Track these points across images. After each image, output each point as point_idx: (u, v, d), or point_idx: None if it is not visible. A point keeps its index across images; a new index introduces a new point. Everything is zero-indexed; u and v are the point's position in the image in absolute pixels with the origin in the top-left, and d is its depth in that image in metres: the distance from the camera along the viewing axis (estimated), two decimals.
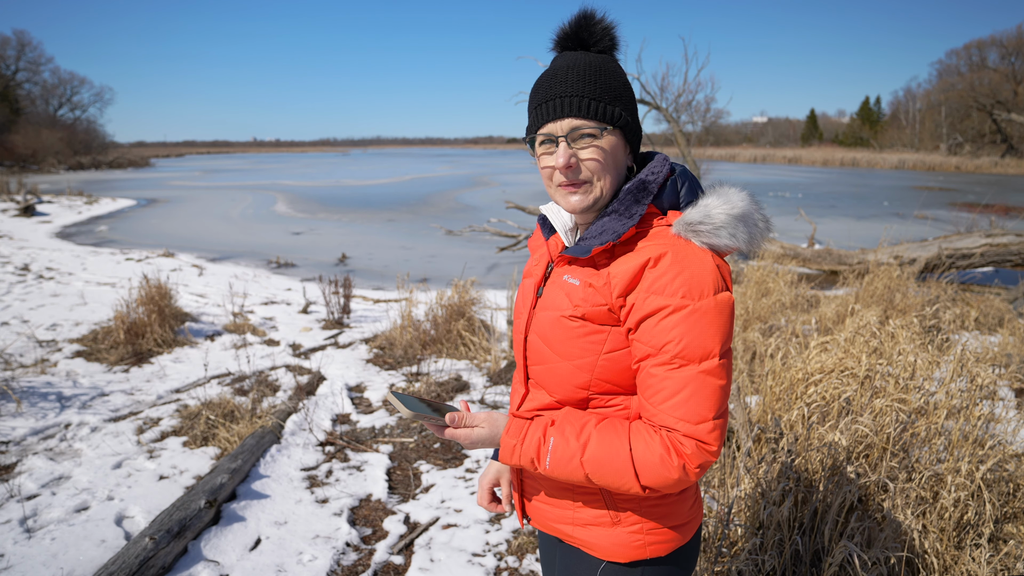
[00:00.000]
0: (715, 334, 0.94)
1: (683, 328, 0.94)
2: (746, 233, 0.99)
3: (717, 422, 0.94)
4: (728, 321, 0.96)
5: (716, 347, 0.94)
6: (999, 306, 6.09)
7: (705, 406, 0.93)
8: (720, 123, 77.63)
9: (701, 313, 0.94)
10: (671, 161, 1.10)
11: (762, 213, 1.03)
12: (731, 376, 0.98)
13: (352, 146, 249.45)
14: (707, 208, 0.99)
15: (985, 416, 2.52)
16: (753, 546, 2.11)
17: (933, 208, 18.02)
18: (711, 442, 0.93)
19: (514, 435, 1.03)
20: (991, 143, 51.17)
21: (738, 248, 1.00)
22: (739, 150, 68.94)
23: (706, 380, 0.94)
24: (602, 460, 0.97)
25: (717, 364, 0.94)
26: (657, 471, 0.94)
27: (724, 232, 0.97)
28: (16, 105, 49.96)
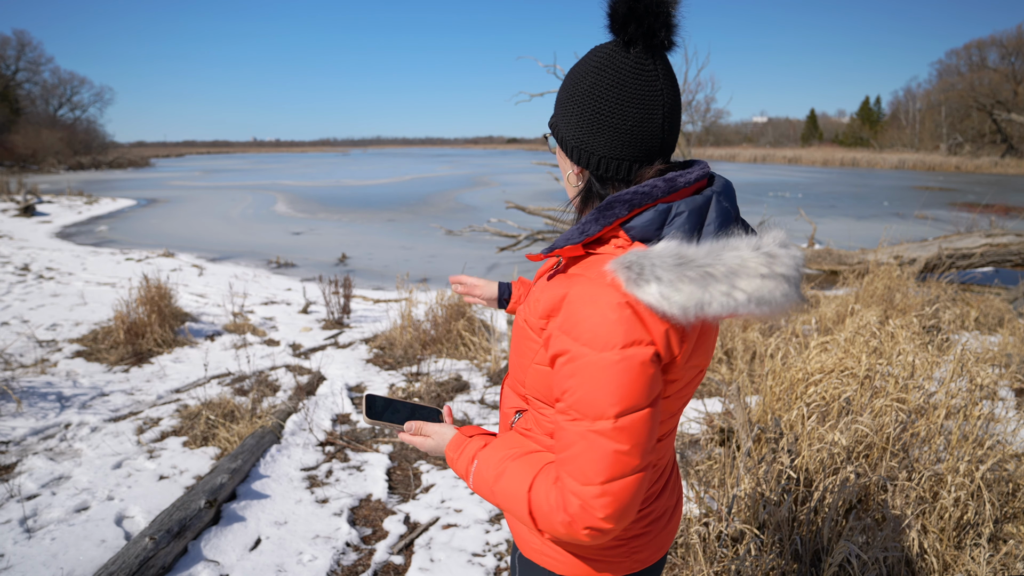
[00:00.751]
0: (612, 392, 0.82)
1: (578, 379, 0.84)
2: (692, 299, 0.80)
3: (608, 488, 0.83)
4: (636, 380, 0.82)
5: (611, 408, 0.82)
6: (999, 306, 6.09)
7: (592, 469, 0.83)
8: (720, 123, 77.86)
9: (600, 367, 0.82)
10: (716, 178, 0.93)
11: (759, 284, 0.82)
12: (643, 439, 0.84)
13: (352, 146, 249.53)
14: (651, 253, 0.83)
15: (985, 416, 2.52)
16: (753, 546, 2.11)
17: (933, 208, 18.02)
18: (597, 508, 0.83)
19: (453, 449, 1.05)
20: (991, 143, 51.18)
21: (667, 313, 0.81)
22: (739, 150, 68.96)
23: (596, 441, 0.83)
24: (507, 494, 0.94)
25: (611, 427, 0.82)
26: (548, 519, 0.88)
27: (653, 289, 0.81)
28: (16, 105, 49.97)
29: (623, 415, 0.82)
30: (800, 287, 0.87)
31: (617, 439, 0.83)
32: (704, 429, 3.39)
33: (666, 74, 0.89)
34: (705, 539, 2.19)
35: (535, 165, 21.91)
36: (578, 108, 0.91)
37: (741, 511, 2.29)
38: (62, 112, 57.53)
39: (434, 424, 1.10)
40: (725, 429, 3.19)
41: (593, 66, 0.90)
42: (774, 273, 0.83)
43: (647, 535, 1.05)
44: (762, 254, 0.84)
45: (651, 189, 0.87)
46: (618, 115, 0.88)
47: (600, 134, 0.90)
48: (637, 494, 0.85)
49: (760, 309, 0.82)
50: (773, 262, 0.83)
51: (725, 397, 3.61)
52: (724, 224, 0.89)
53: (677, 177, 0.89)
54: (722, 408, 3.58)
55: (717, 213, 0.89)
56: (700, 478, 2.87)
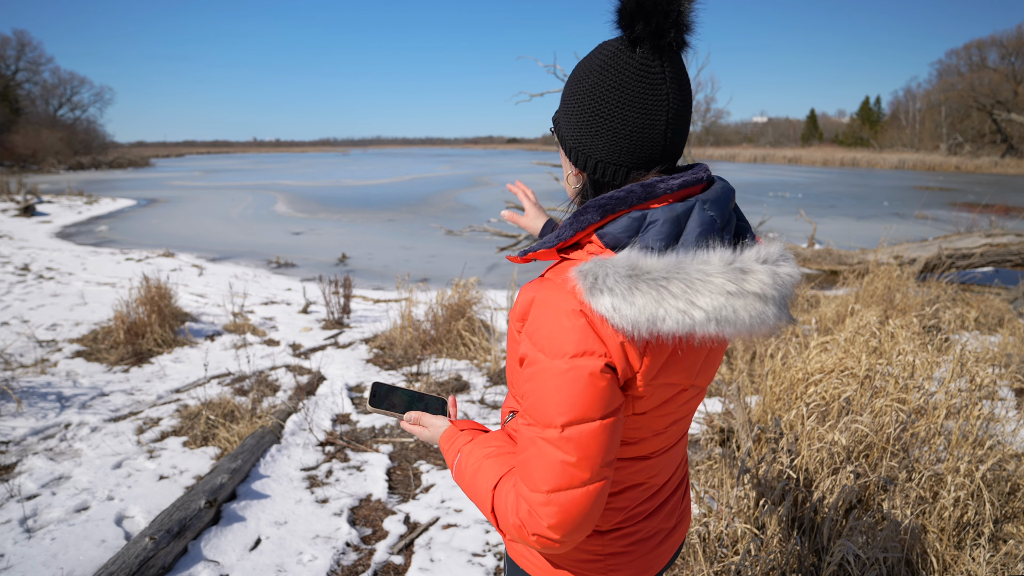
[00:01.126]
0: (560, 402, 0.79)
1: (532, 385, 0.82)
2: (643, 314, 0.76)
3: (553, 498, 0.81)
4: (584, 391, 0.78)
5: (559, 417, 0.79)
6: (999, 306, 6.09)
7: (539, 476, 0.82)
8: (720, 123, 77.81)
9: (549, 375, 0.80)
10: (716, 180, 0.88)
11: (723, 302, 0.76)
12: (592, 452, 0.80)
13: (352, 146, 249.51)
14: (611, 261, 0.79)
15: (985, 416, 2.52)
16: (753, 546, 2.11)
17: (933, 208, 18.03)
18: (542, 516, 0.82)
19: (445, 441, 1.07)
20: (991, 143, 51.18)
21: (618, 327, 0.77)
22: (739, 150, 68.96)
23: (543, 448, 0.81)
24: (478, 491, 0.94)
25: (557, 436, 0.80)
26: (505, 521, 0.87)
27: (606, 300, 0.77)
28: (16, 105, 49.97)
29: (570, 425, 0.80)
30: (785, 305, 0.82)
31: (564, 449, 0.80)
32: (704, 429, 3.39)
33: (674, 76, 0.84)
34: (705, 539, 2.20)
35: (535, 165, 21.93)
36: (578, 107, 0.87)
37: (741, 511, 2.29)
38: (62, 112, 57.55)
39: (431, 415, 1.11)
40: (725, 429, 3.19)
41: (597, 64, 0.85)
42: (743, 291, 0.77)
43: (628, 555, 1.02)
44: (733, 269, 0.78)
45: (627, 195, 0.83)
46: (618, 119, 0.83)
47: (598, 137, 0.85)
48: (589, 509, 0.82)
49: (722, 329, 0.77)
50: (744, 279, 0.78)
51: (725, 397, 3.61)
52: (705, 234, 0.82)
53: (657, 183, 0.83)
54: (722, 408, 3.58)
55: (698, 223, 0.82)
56: (700, 478, 2.87)
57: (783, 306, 0.81)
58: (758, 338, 0.80)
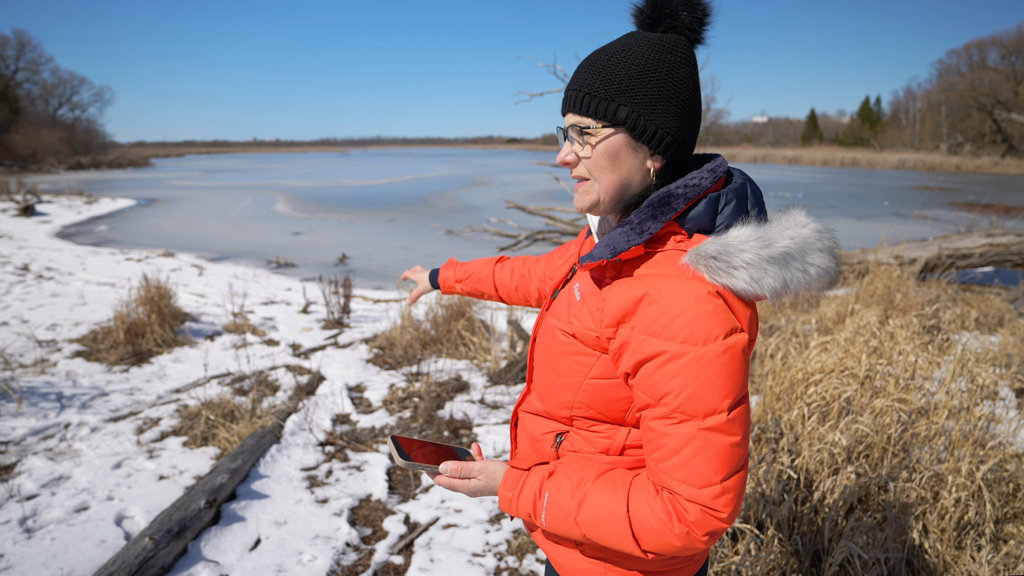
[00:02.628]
0: (722, 385, 0.81)
1: (683, 379, 0.81)
2: (778, 279, 0.82)
3: (727, 484, 0.81)
4: (740, 369, 0.82)
5: (724, 401, 0.81)
6: (999, 306, 6.09)
7: (710, 468, 0.81)
8: (720, 123, 77.86)
9: (705, 362, 0.80)
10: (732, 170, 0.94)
11: (823, 257, 0.85)
12: (747, 427, 0.84)
13: (352, 146, 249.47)
14: (732, 240, 0.83)
15: (986, 416, 2.52)
16: (753, 545, 2.11)
17: (933, 208, 18.02)
18: (719, 508, 0.81)
19: (510, 487, 0.96)
20: (991, 143, 51.18)
21: (760, 296, 0.83)
22: (739, 150, 68.95)
23: (711, 438, 0.81)
24: (598, 521, 0.87)
25: (725, 420, 0.81)
26: (658, 537, 0.83)
27: (743, 275, 0.82)
28: (16, 105, 49.97)
29: (735, 406, 0.82)
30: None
31: (731, 432, 0.82)
32: None
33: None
34: None
35: (535, 165, 21.94)
36: (679, 98, 0.88)
37: (741, 511, 2.29)
38: (62, 112, 57.57)
39: (478, 462, 1.00)
40: None
41: (681, 58, 0.89)
42: (827, 247, 0.86)
43: None
44: (814, 230, 0.86)
45: (699, 181, 0.88)
46: (699, 107, 0.92)
47: (691, 126, 0.91)
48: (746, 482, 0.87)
49: (822, 281, 0.85)
50: (825, 235, 0.86)
51: None
52: (760, 206, 0.92)
53: (717, 167, 0.90)
54: None
55: (754, 196, 0.92)
56: None
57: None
58: (831, 288, 0.89)
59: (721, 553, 2.13)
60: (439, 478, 0.99)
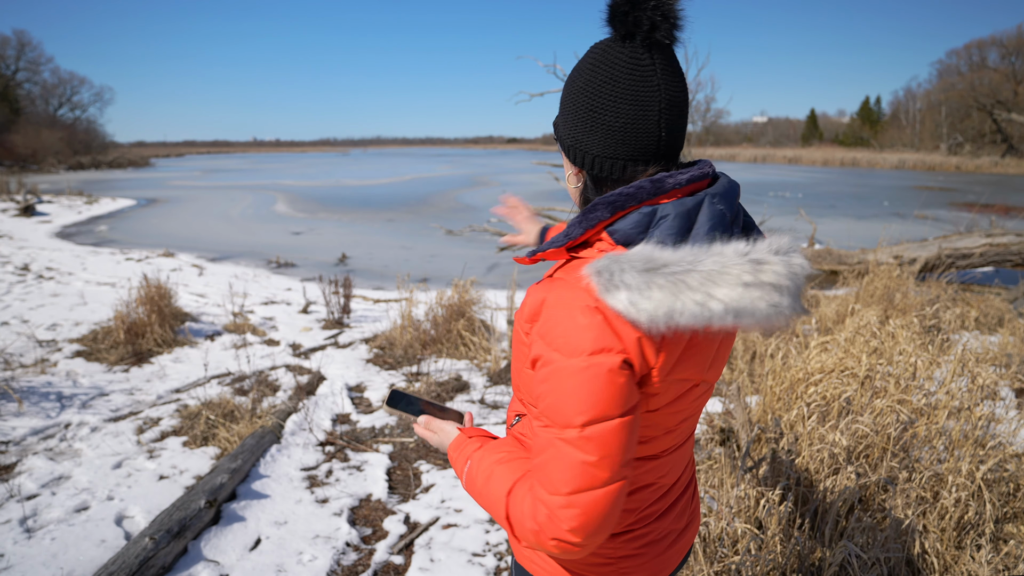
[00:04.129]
0: (580, 401, 0.78)
1: (548, 385, 0.81)
2: (661, 307, 0.76)
3: (574, 499, 0.79)
4: (604, 389, 0.78)
5: (578, 416, 0.79)
6: (999, 306, 6.09)
7: (559, 478, 0.80)
8: (720, 123, 77.81)
9: (567, 374, 0.79)
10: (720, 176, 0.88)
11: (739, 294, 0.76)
12: (613, 450, 0.80)
13: (352, 146, 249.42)
14: (625, 257, 0.78)
15: (986, 416, 2.52)
16: (753, 546, 2.11)
17: (933, 208, 18.02)
18: (563, 519, 0.79)
19: (454, 449, 1.04)
20: (991, 143, 51.17)
21: (638, 321, 0.77)
22: (739, 150, 68.96)
23: (563, 450, 0.80)
24: (491, 498, 0.91)
25: (577, 436, 0.79)
26: (522, 527, 0.85)
27: (622, 295, 0.77)
28: (16, 105, 49.97)
29: (590, 424, 0.79)
30: (798, 297, 0.81)
31: (584, 449, 0.79)
32: (704, 429, 3.39)
33: (665, 69, 0.84)
34: (705, 539, 2.19)
35: (535, 165, 21.92)
36: (573, 105, 0.88)
37: (741, 511, 2.29)
38: (62, 112, 57.55)
39: (442, 422, 1.10)
40: (725, 429, 3.19)
41: (589, 62, 0.86)
42: (759, 282, 0.77)
43: (640, 557, 1.01)
44: (748, 260, 0.78)
45: (636, 191, 0.83)
46: (611, 112, 0.84)
47: (593, 132, 0.86)
48: (609, 510, 0.81)
49: (740, 321, 0.77)
50: (760, 269, 0.77)
51: (725, 397, 3.61)
52: (716, 228, 0.82)
53: (666, 178, 0.83)
54: (722, 408, 3.58)
55: (708, 216, 0.83)
56: (700, 478, 2.87)
57: (796, 297, 0.81)
58: (773, 329, 0.80)
59: (721, 553, 2.13)
60: (415, 425, 1.13)
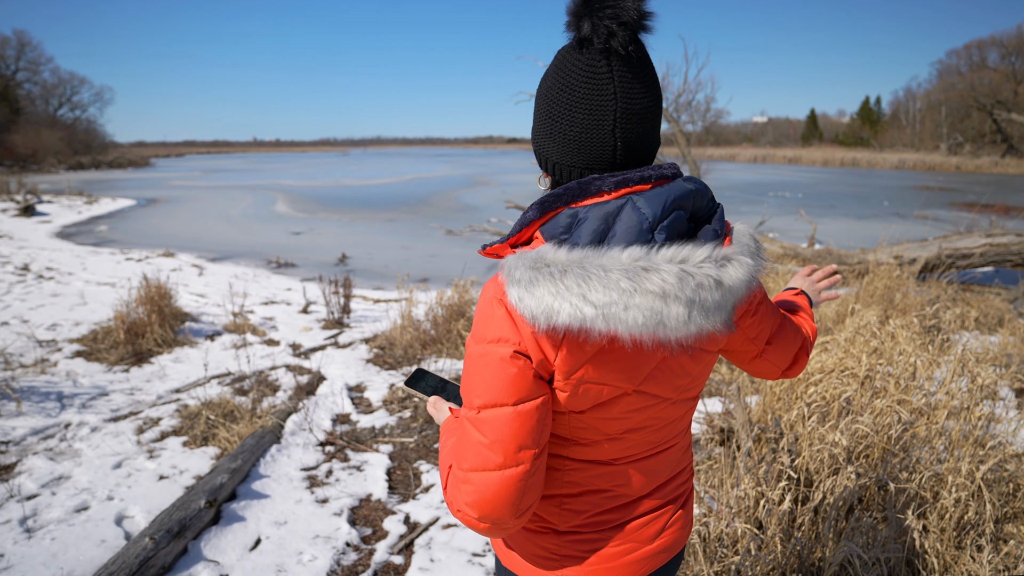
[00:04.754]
0: (477, 384, 0.84)
1: (463, 367, 0.89)
2: (540, 304, 0.76)
3: (470, 476, 0.85)
4: (496, 376, 0.82)
5: (476, 399, 0.85)
6: (999, 306, 6.09)
7: (463, 453, 0.87)
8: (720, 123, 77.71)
9: (472, 358, 0.86)
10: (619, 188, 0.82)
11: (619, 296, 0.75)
12: (504, 436, 0.83)
13: (352, 146, 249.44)
14: (529, 254, 0.80)
15: (986, 416, 2.52)
16: (753, 546, 2.10)
17: (933, 208, 18.02)
18: (460, 493, 0.86)
19: (444, 428, 1.08)
20: (991, 143, 51.17)
21: (522, 316, 0.79)
22: (739, 150, 68.96)
23: (466, 428, 0.87)
24: (441, 463, 0.97)
25: (475, 417, 0.85)
26: (446, 495, 0.92)
27: (514, 291, 0.78)
28: (16, 105, 49.95)
29: (485, 408, 0.84)
30: (705, 310, 0.78)
31: (480, 431, 0.85)
32: (704, 429, 3.39)
33: (623, 76, 0.82)
34: (705, 539, 2.19)
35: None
36: (537, 110, 0.90)
37: (741, 511, 2.29)
38: (62, 112, 57.54)
39: (447, 402, 1.14)
40: (725, 429, 3.19)
41: (552, 68, 0.87)
42: (640, 289, 0.75)
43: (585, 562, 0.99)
44: (635, 267, 0.76)
45: (563, 191, 0.83)
46: (567, 120, 0.84)
47: (552, 139, 0.87)
48: (506, 495, 0.84)
49: (612, 326, 0.75)
50: (645, 276, 0.75)
51: (725, 397, 3.61)
52: (632, 232, 0.79)
53: (593, 180, 0.82)
54: (722, 408, 3.58)
55: (626, 221, 0.80)
56: (700, 478, 2.87)
57: (700, 309, 0.78)
58: (664, 341, 0.78)
59: (721, 553, 2.13)
60: (428, 405, 1.14)
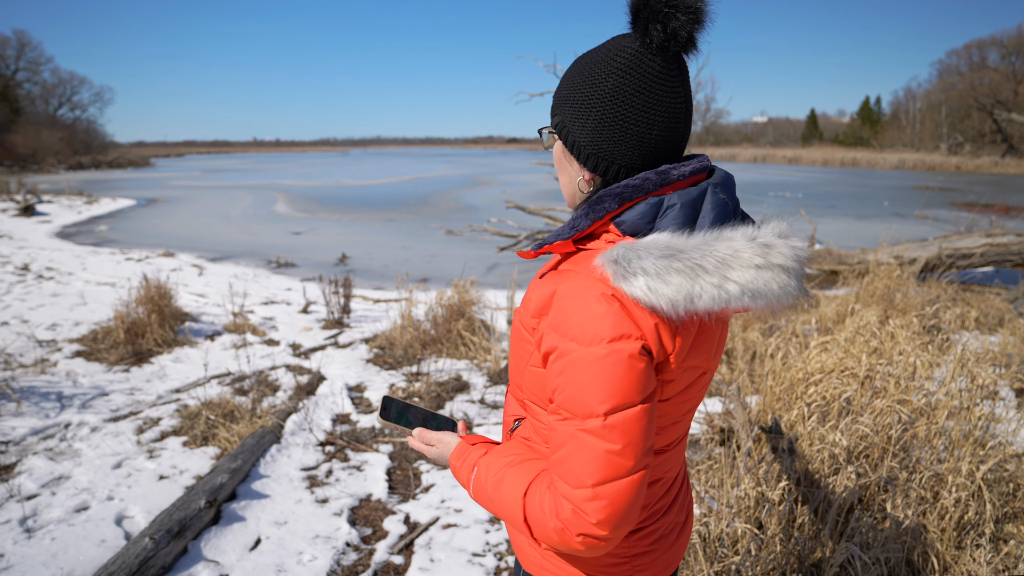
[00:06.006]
0: (601, 389, 0.78)
1: (566, 376, 0.81)
2: (681, 292, 0.77)
3: (600, 491, 0.78)
4: (625, 376, 0.78)
5: (600, 405, 0.78)
6: (999, 306, 6.09)
7: (583, 470, 0.79)
8: (720, 123, 77.91)
9: (587, 363, 0.79)
10: (717, 171, 0.89)
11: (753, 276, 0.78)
12: (635, 438, 0.80)
13: (352, 146, 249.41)
14: (640, 245, 0.80)
15: (986, 416, 2.52)
16: (753, 546, 2.10)
17: (933, 208, 18.02)
18: (589, 512, 0.78)
19: (456, 458, 1.02)
20: (991, 143, 51.17)
21: (656, 307, 0.79)
22: (739, 150, 68.96)
23: (586, 441, 0.79)
24: (505, 502, 0.89)
25: (601, 425, 0.79)
26: (542, 527, 0.84)
27: (639, 282, 0.78)
28: (16, 105, 49.96)
29: (613, 412, 0.79)
30: (802, 279, 0.83)
31: (608, 438, 0.79)
32: (704, 429, 3.39)
33: (685, 78, 0.86)
34: (705, 539, 2.19)
35: (535, 165, 21.93)
36: (598, 112, 0.85)
37: (741, 511, 2.29)
38: (62, 112, 57.57)
39: (439, 432, 1.07)
40: (725, 429, 3.19)
41: (617, 67, 0.83)
42: (770, 264, 0.79)
43: (652, 553, 1.00)
44: (757, 244, 0.80)
45: (642, 182, 0.84)
46: (644, 123, 0.84)
47: (623, 143, 0.85)
48: (634, 499, 0.80)
49: (755, 302, 0.79)
50: (769, 252, 0.80)
51: (725, 397, 3.61)
52: (720, 216, 0.85)
53: (670, 170, 0.85)
54: (722, 408, 3.58)
55: (713, 205, 0.85)
56: (700, 478, 2.87)
57: (801, 278, 0.83)
58: (783, 311, 0.82)
59: (721, 553, 2.13)
60: (409, 439, 1.09)
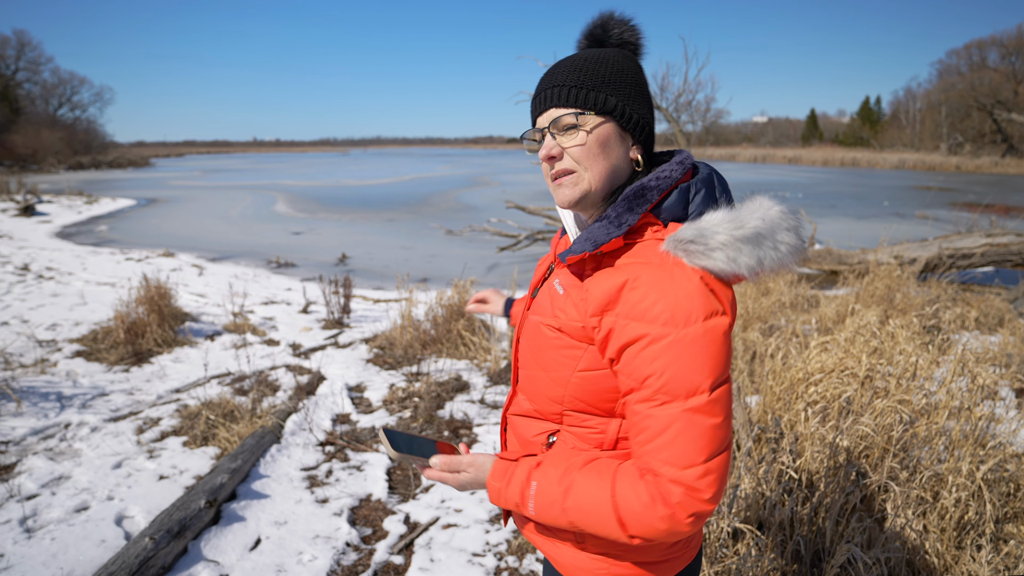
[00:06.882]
0: (703, 366, 0.83)
1: (665, 360, 0.83)
2: (753, 257, 0.86)
3: (710, 465, 0.82)
4: (721, 350, 0.85)
5: (705, 381, 0.83)
6: (999, 306, 6.09)
7: (693, 448, 0.82)
8: (720, 123, 77.76)
9: (687, 343, 0.83)
10: (697, 162, 0.99)
11: (791, 236, 0.89)
12: (729, 409, 0.86)
13: (352, 146, 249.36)
14: (706, 224, 0.88)
15: (986, 416, 2.52)
16: (754, 546, 2.10)
17: (933, 208, 18.02)
18: (703, 489, 0.82)
19: (498, 478, 0.97)
20: (991, 143, 51.15)
21: (738, 275, 0.87)
22: (739, 150, 68.97)
23: (693, 419, 0.82)
24: (584, 507, 0.88)
25: (706, 400, 0.83)
26: (643, 521, 0.84)
27: (720, 255, 0.86)
28: (16, 105, 49.97)
29: (716, 387, 0.84)
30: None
31: (713, 412, 0.83)
32: None
33: None
34: (705, 539, 2.19)
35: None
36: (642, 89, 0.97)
37: (741, 511, 2.29)
38: (62, 112, 57.55)
39: (467, 456, 1.02)
40: None
41: (634, 62, 0.99)
42: (793, 225, 0.90)
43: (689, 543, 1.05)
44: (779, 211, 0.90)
45: (670, 173, 0.93)
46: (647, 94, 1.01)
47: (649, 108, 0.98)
48: (729, 466, 0.88)
49: (792, 259, 0.89)
50: (788, 216, 0.91)
51: None
52: (727, 193, 0.97)
53: (684, 160, 0.96)
54: None
55: (720, 185, 0.97)
56: None
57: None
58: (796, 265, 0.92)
59: (721, 553, 2.13)
60: (428, 471, 1.02)
